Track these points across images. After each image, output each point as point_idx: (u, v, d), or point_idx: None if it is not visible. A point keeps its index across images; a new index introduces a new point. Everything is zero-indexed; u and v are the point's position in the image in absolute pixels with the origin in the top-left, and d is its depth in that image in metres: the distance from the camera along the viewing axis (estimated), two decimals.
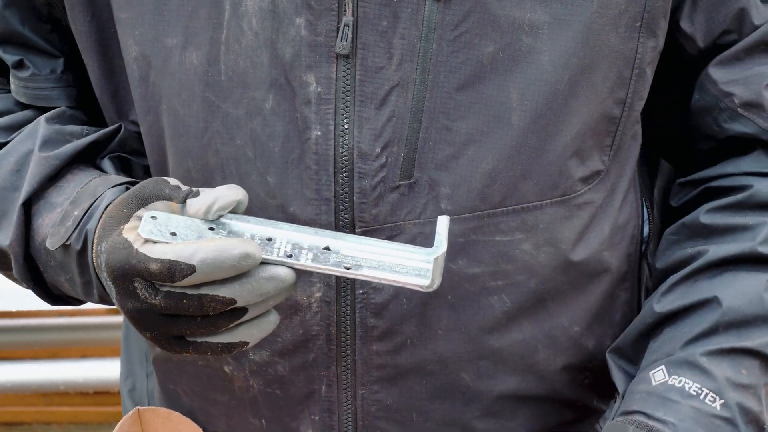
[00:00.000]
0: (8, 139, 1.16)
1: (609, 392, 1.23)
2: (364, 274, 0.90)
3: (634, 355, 1.14)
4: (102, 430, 3.78)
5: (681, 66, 1.17)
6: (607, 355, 1.20)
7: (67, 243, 1.04)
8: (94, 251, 0.98)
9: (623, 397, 1.09)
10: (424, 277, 0.88)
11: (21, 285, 1.16)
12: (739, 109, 1.14)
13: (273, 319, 0.94)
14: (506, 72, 1.03)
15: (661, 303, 1.12)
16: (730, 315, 1.06)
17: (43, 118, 1.14)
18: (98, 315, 2.32)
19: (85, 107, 1.20)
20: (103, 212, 0.99)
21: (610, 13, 1.05)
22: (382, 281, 0.91)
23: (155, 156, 1.12)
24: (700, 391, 1.02)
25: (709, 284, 1.11)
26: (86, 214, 1.03)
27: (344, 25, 1.00)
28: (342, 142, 1.03)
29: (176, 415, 1.16)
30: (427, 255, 0.91)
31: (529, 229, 1.10)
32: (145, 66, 1.08)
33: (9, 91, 1.20)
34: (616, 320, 1.23)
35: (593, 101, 1.08)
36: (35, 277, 1.13)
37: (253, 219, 0.94)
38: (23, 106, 1.19)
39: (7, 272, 1.16)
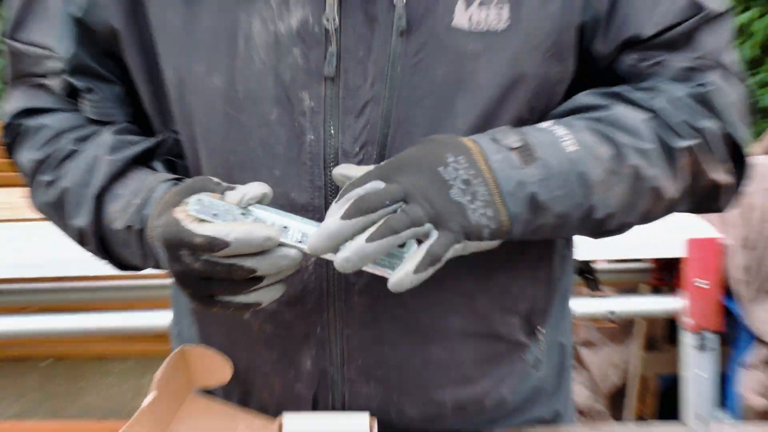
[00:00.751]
0: (83, 148, 1.23)
1: (532, 330, 1.33)
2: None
3: None
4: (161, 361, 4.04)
5: (592, 69, 1.21)
6: (537, 336, 1.34)
7: (130, 225, 1.14)
8: (150, 228, 1.08)
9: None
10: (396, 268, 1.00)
11: (97, 257, 1.27)
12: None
13: (281, 287, 1.05)
14: (453, 89, 1.12)
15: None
16: (613, 118, 1.13)
17: (108, 130, 1.23)
18: (159, 278, 2.42)
19: (138, 121, 1.28)
20: (158, 200, 1.10)
21: (530, 46, 1.13)
22: (362, 268, 1.01)
23: (191, 157, 1.22)
24: (565, 135, 1.08)
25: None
26: (144, 203, 1.13)
27: (330, 54, 1.10)
28: (330, 144, 1.13)
29: (210, 351, 1.27)
30: (402, 251, 1.02)
31: None
32: (180, 88, 1.17)
33: (78, 110, 1.27)
34: (539, 277, 1.31)
35: (515, 109, 1.15)
36: (106, 251, 1.24)
37: (273, 210, 1.04)
38: (92, 122, 1.25)
39: (87, 247, 1.26)
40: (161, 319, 2.36)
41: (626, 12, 1.18)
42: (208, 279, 1.03)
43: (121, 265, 1.27)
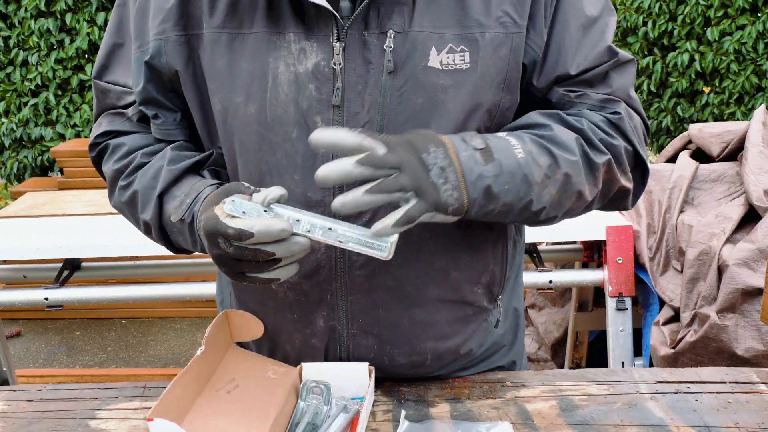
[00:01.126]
0: (150, 160, 1.25)
1: (493, 298, 1.33)
2: (349, 246, 1.03)
3: None
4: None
5: (533, 97, 1.23)
6: (497, 303, 1.35)
7: (183, 218, 1.17)
8: (197, 221, 1.11)
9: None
10: (384, 251, 1.02)
11: (159, 243, 1.29)
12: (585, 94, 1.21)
13: (295, 267, 1.08)
14: (428, 114, 1.14)
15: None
16: (552, 136, 1.13)
17: (169, 147, 1.26)
18: (206, 257, 2.44)
19: (192, 140, 1.30)
20: (203, 200, 1.12)
21: (485, 81, 1.15)
22: (359, 252, 1.04)
23: (231, 166, 1.24)
24: (516, 145, 1.09)
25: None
26: (193, 201, 1.16)
27: (337, 89, 1.12)
28: (337, 156, 1.08)
29: (246, 314, 1.28)
30: (387, 239, 1.03)
31: None
32: (224, 115, 1.19)
33: (150, 132, 1.30)
34: (498, 256, 1.31)
35: (475, 129, 1.16)
36: (165, 239, 1.26)
37: (290, 207, 1.06)
38: (157, 140, 1.29)
39: (151, 236, 1.28)
40: (209, 289, 2.35)
41: (557, 56, 1.19)
42: (239, 260, 1.04)
43: (176, 249, 1.29)
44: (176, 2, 1.17)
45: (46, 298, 2.40)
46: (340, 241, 1.04)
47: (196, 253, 1.31)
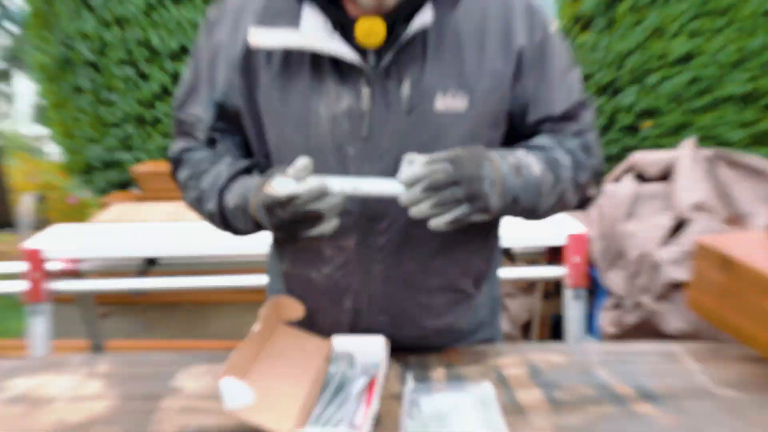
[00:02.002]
0: (213, 167, 1.25)
1: (479, 287, 1.33)
2: (372, 193, 1.07)
3: None
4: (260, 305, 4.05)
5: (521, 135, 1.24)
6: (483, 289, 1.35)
7: (238, 204, 1.17)
8: (252, 203, 1.12)
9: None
10: (401, 188, 1.05)
11: (221, 228, 1.28)
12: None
13: (336, 222, 1.07)
14: (433, 146, 1.12)
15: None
16: (556, 159, 1.16)
17: (228, 157, 1.26)
18: (258, 255, 2.46)
19: (247, 153, 1.28)
20: (254, 188, 1.13)
21: (479, 121, 1.15)
22: (378, 195, 1.07)
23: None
24: (533, 164, 1.12)
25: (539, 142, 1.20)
26: (246, 191, 1.15)
27: (365, 125, 1.13)
28: (365, 172, 1.14)
29: (290, 299, 1.26)
30: (398, 187, 1.05)
31: None
32: (278, 142, 1.19)
33: (213, 150, 1.28)
34: (483, 255, 1.31)
35: None
36: (225, 224, 1.25)
37: (318, 177, 1.06)
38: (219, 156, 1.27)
39: (215, 224, 1.27)
40: (256, 280, 2.37)
41: (545, 101, 1.21)
42: (294, 222, 1.06)
43: (235, 231, 1.27)
44: (241, 56, 1.18)
45: (131, 288, 2.45)
46: (368, 192, 1.07)
47: (245, 252, 1.28)
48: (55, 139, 5.95)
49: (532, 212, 1.16)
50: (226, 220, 1.24)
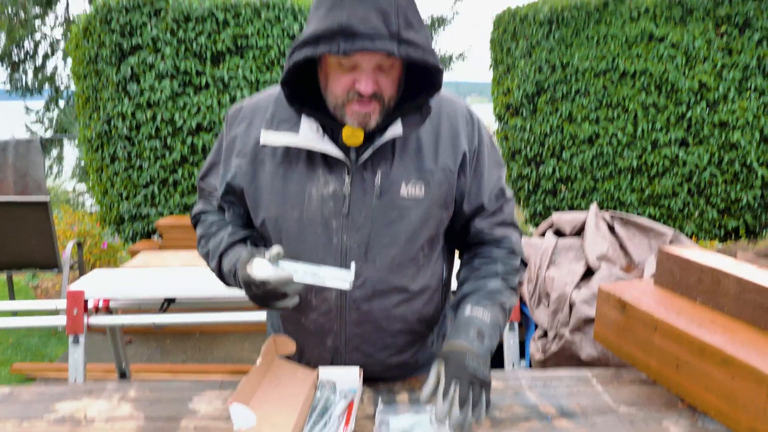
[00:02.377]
0: (220, 232, 1.26)
1: (432, 329, 1.32)
2: (326, 284, 1.06)
3: (456, 307, 1.20)
4: (261, 335, 3.93)
5: (461, 217, 1.25)
6: (434, 331, 1.33)
7: (230, 269, 1.19)
8: (238, 275, 1.10)
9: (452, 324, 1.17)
10: (346, 285, 1.06)
11: (220, 281, 1.27)
12: (486, 236, 1.26)
13: (297, 299, 1.07)
14: (398, 222, 1.15)
15: (464, 289, 1.22)
16: (503, 302, 1.19)
17: (231, 225, 1.26)
18: None
19: (247, 223, 1.27)
20: (241, 260, 1.11)
21: (434, 203, 1.17)
22: (331, 286, 1.07)
23: (275, 242, 1.20)
24: (483, 313, 1.13)
25: (480, 283, 1.21)
26: (237, 259, 1.16)
27: (345, 204, 1.14)
28: (344, 244, 1.15)
29: (285, 337, 1.26)
30: (348, 275, 1.07)
31: (407, 275, 1.20)
32: (276, 217, 1.18)
33: (224, 214, 1.29)
34: (437, 307, 1.30)
35: (427, 233, 1.19)
36: (223, 279, 1.25)
37: (290, 261, 1.08)
38: (227, 220, 1.28)
39: (216, 275, 1.27)
40: (256, 316, 2.34)
41: (474, 195, 1.23)
42: (264, 297, 1.06)
43: (229, 285, 1.26)
44: (252, 149, 1.20)
45: (153, 322, 2.40)
46: (322, 281, 1.06)
47: (244, 294, 1.25)
48: (94, 195, 5.88)
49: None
50: (222, 277, 1.25)
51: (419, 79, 1.12)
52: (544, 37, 5.37)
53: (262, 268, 1.06)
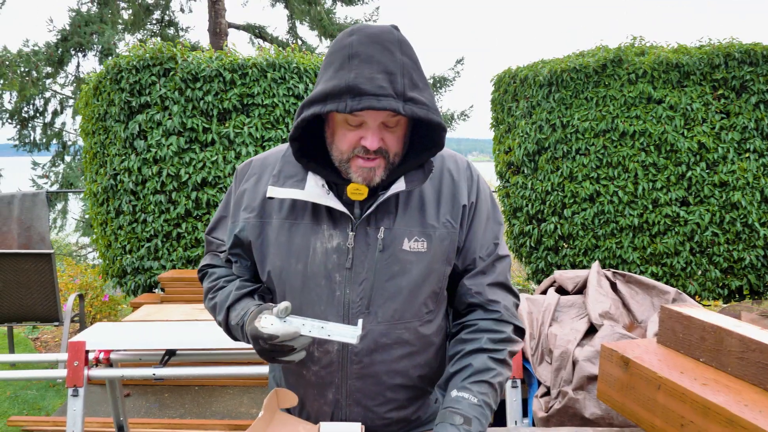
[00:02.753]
0: (226, 286, 1.27)
1: (433, 385, 1.30)
2: (334, 338, 1.06)
3: (444, 387, 1.20)
4: (260, 389, 3.87)
5: (453, 273, 1.25)
6: (435, 389, 1.31)
7: (238, 323, 1.19)
8: (246, 329, 1.13)
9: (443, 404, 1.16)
10: (354, 340, 1.05)
11: (226, 334, 1.27)
12: (475, 297, 1.24)
13: (304, 353, 1.08)
14: (401, 277, 1.16)
15: (451, 368, 1.20)
16: (493, 382, 1.17)
17: (238, 279, 1.28)
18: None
19: (254, 276, 1.29)
20: (249, 314, 1.14)
21: (435, 258, 1.18)
22: (339, 340, 1.07)
23: (279, 296, 1.22)
24: (469, 396, 1.13)
25: (466, 361, 1.19)
26: (245, 314, 1.17)
27: (348, 258, 1.15)
28: (347, 297, 1.16)
29: (287, 390, 1.25)
30: (355, 331, 1.06)
31: (409, 329, 1.20)
32: (280, 269, 1.20)
33: (230, 268, 1.31)
34: (439, 365, 1.30)
35: (429, 287, 1.19)
36: (229, 333, 1.25)
37: (300, 317, 1.09)
38: (234, 274, 1.30)
39: (223, 329, 1.27)
40: (257, 369, 2.32)
41: (470, 251, 1.24)
42: (271, 352, 1.07)
43: (235, 339, 1.26)
44: (259, 204, 1.23)
45: (154, 374, 2.38)
46: (328, 335, 1.06)
47: (245, 347, 1.24)
48: (98, 248, 5.90)
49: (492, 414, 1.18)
50: (229, 330, 1.26)
51: (423, 137, 1.16)
52: (544, 98, 5.50)
53: (271, 322, 1.07)
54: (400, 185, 1.14)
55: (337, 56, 1.06)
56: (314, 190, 1.16)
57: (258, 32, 12.62)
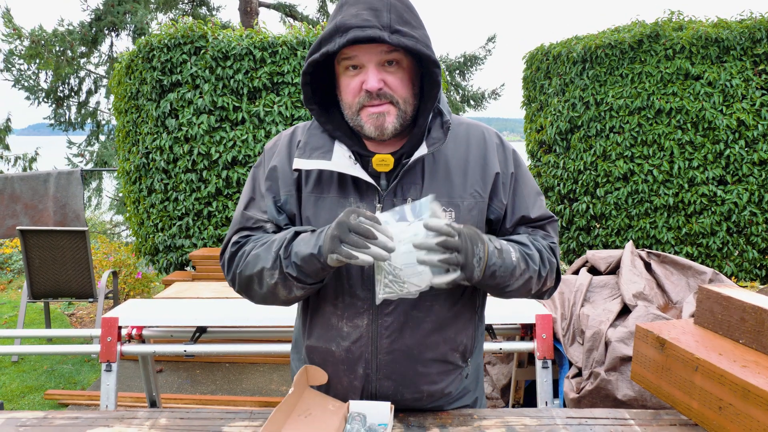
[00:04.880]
0: (271, 241, 1.17)
1: (465, 359, 1.29)
2: (403, 285, 1.04)
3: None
4: (284, 366, 3.96)
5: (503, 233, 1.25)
6: (468, 363, 1.30)
7: (309, 240, 1.10)
8: (341, 214, 1.05)
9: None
10: (415, 296, 1.06)
11: (270, 282, 1.14)
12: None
13: (370, 260, 1.01)
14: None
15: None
16: (530, 254, 1.18)
17: (294, 228, 1.19)
18: (285, 328, 2.50)
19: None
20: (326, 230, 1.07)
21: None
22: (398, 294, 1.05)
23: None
24: (513, 251, 1.13)
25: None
26: (325, 229, 1.09)
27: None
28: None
29: (317, 368, 1.25)
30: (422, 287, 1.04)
31: (439, 302, 1.20)
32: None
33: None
34: (469, 332, 1.28)
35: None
36: (280, 271, 1.12)
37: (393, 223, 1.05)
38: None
39: (261, 287, 1.16)
40: (282, 348, 2.34)
41: (520, 208, 1.24)
42: (355, 230, 1.01)
43: (284, 277, 1.13)
44: (295, 179, 1.22)
45: (185, 351, 2.42)
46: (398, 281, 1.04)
47: (273, 324, 1.19)
48: (131, 226, 6.02)
49: (503, 289, 1.16)
50: (281, 267, 1.13)
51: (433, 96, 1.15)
52: (577, 75, 5.38)
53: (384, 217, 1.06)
54: (422, 150, 1.14)
55: (333, 11, 1.11)
56: (341, 160, 1.15)
57: (288, 11, 12.63)
